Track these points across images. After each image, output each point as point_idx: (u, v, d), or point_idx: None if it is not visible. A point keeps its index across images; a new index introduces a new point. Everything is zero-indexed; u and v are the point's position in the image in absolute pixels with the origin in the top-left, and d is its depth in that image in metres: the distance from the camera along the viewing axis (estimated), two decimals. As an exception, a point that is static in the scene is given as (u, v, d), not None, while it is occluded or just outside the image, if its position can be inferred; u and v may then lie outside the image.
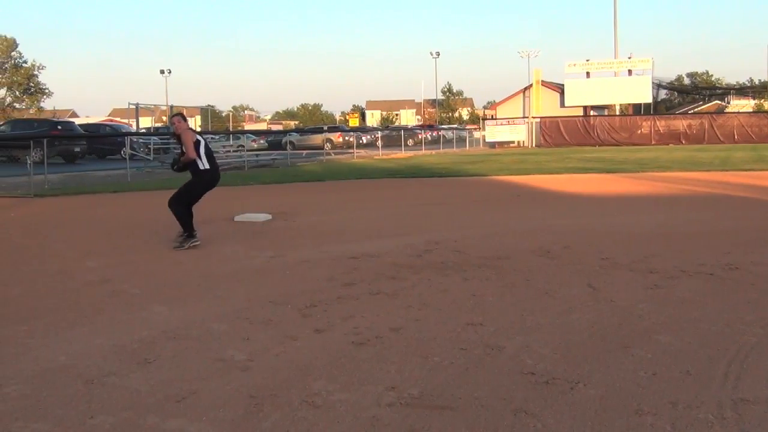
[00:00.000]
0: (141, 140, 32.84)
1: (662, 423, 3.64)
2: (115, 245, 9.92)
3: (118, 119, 73.64)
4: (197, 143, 9.49)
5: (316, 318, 5.81)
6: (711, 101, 77.61)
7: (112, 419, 3.84)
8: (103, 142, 36.81)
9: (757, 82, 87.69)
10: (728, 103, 76.64)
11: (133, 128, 43.48)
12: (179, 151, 9.77)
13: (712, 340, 5.02)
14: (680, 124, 50.60)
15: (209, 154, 9.65)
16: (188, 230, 9.43)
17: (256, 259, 8.50)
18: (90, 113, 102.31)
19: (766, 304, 5.95)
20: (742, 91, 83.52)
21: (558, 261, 8.00)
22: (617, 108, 60.14)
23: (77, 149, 32.66)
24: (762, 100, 74.91)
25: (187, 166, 9.52)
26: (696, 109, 71.14)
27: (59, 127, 35.20)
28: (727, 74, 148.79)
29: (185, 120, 10.00)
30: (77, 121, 56.99)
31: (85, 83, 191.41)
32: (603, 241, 9.22)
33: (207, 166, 9.50)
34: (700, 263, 7.60)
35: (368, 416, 3.81)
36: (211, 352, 4.99)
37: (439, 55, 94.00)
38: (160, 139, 33.51)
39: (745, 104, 73.65)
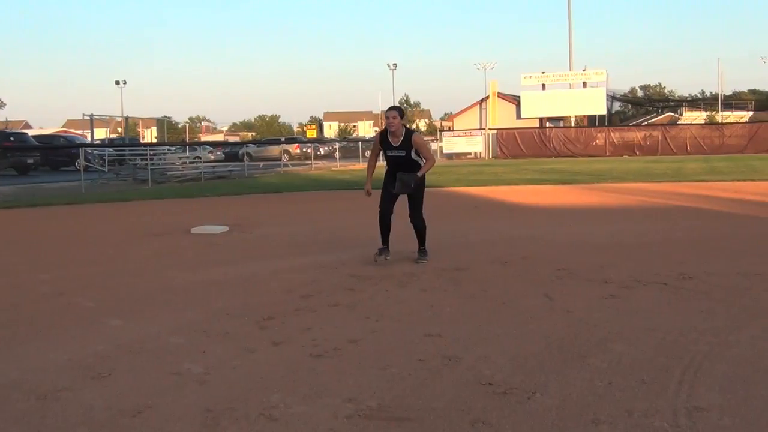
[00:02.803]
0: (96, 152, 32.51)
1: (618, 432, 3.68)
2: (69, 258, 9.79)
3: (72, 130, 72.85)
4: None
5: (273, 330, 5.78)
6: (664, 113, 78.87)
7: (66, 435, 3.78)
8: (57, 153, 36.46)
9: (708, 95, 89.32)
10: (681, 115, 77.95)
11: (88, 139, 43.02)
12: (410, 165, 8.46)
13: (666, 349, 5.08)
14: (634, 135, 51.20)
15: None
16: (425, 243, 8.77)
17: (213, 271, 8.43)
18: (44, 124, 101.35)
19: (718, 313, 6.04)
20: (694, 103, 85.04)
21: (515, 271, 8.06)
22: (572, 120, 60.80)
23: (30, 161, 32.33)
24: (714, 112, 76.26)
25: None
26: (649, 121, 72.20)
27: (12, 139, 34.83)
28: (680, 87, 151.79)
29: (403, 116, 8.53)
30: (30, 132, 56.36)
31: (39, 94, 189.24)
32: (559, 252, 9.30)
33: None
34: (655, 273, 7.69)
35: (326, 429, 3.80)
36: (167, 365, 4.94)
37: (396, 66, 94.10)
38: (115, 150, 33.17)
39: (698, 116, 74.97)
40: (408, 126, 8.48)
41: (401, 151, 8.41)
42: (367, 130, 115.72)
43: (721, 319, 5.83)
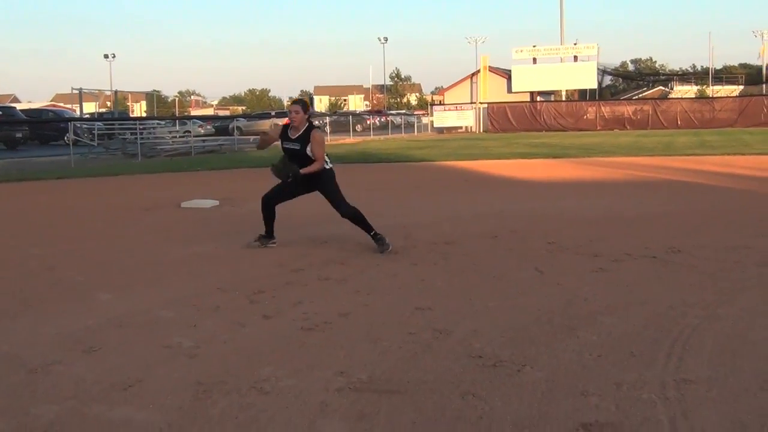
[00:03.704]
0: (85, 126, 32.29)
1: (607, 404, 3.70)
2: (59, 233, 9.76)
3: (61, 104, 72.44)
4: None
5: (264, 304, 5.78)
6: (655, 87, 78.83)
7: (57, 408, 3.78)
8: (45, 127, 36.20)
9: (699, 69, 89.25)
10: (671, 89, 77.93)
11: (77, 113, 42.77)
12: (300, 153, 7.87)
13: (655, 321, 5.11)
14: (625, 109, 51.34)
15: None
16: (372, 229, 7.89)
17: (203, 245, 8.42)
18: (32, 98, 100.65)
19: (707, 287, 6.07)
20: (684, 77, 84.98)
21: (505, 245, 8.07)
22: (563, 94, 60.76)
23: (19, 135, 32.12)
24: (704, 87, 76.28)
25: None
26: (640, 95, 72.19)
27: (0, 113, 34.51)
28: (671, 61, 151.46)
29: (307, 110, 8.00)
30: (19, 106, 55.98)
31: (27, 68, 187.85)
32: (549, 226, 9.31)
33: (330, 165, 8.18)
34: (644, 246, 7.72)
35: (317, 401, 3.81)
36: (157, 339, 4.94)
37: (387, 40, 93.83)
38: (105, 124, 32.97)
39: (688, 90, 75.02)
40: (311, 119, 7.97)
41: (296, 144, 7.86)
42: (357, 104, 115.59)
43: (710, 293, 5.87)
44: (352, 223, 7.94)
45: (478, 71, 59.64)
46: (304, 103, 8.06)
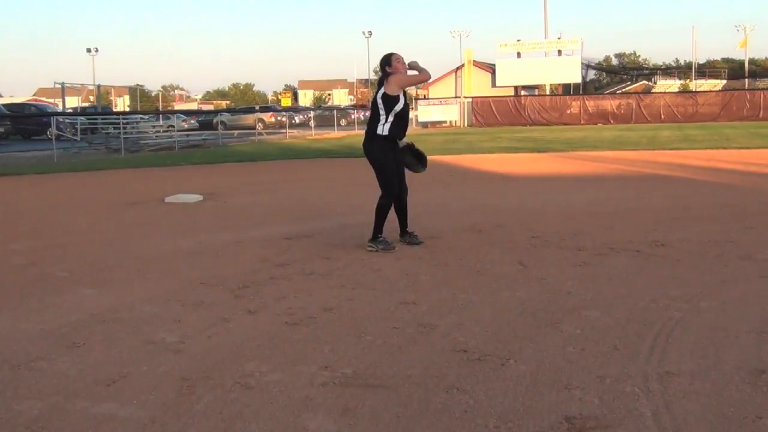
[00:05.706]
0: (68, 120, 32.13)
1: (590, 397, 3.71)
2: (42, 228, 9.71)
3: (44, 99, 71.91)
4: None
5: (248, 299, 5.77)
6: (638, 81, 79.11)
7: (40, 404, 3.76)
8: (28, 122, 35.98)
9: (682, 63, 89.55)
10: (655, 83, 78.22)
11: (60, 108, 42.51)
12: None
13: (638, 315, 5.13)
14: (608, 104, 51.53)
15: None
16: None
17: (187, 240, 8.40)
18: (14, 93, 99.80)
19: (690, 280, 6.10)
20: (668, 71, 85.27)
21: (490, 240, 8.08)
22: (547, 88, 60.91)
23: (1, 129, 31.89)
24: (687, 81, 76.57)
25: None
26: (624, 89, 72.44)
27: (-19, 107, 34.26)
28: (654, 55, 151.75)
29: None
30: (0, 100, 55.58)
31: (9, 62, 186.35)
32: (533, 220, 9.34)
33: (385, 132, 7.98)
34: (628, 240, 7.75)
35: (301, 396, 3.81)
36: (141, 334, 4.92)
37: (371, 34, 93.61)
38: (88, 119, 32.79)
39: (672, 84, 75.29)
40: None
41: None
42: (342, 98, 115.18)
43: (693, 286, 5.89)
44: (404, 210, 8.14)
45: (463, 65, 59.70)
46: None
